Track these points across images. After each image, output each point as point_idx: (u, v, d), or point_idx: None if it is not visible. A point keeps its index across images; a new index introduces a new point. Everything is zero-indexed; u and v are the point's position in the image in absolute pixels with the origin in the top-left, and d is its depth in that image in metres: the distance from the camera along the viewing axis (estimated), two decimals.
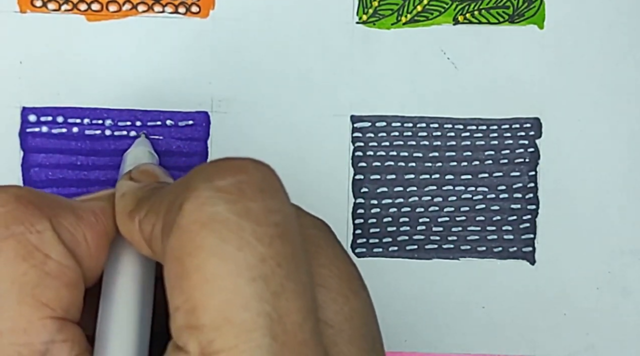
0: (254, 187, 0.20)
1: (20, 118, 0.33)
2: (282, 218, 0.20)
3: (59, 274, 0.21)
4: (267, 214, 0.20)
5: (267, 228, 0.20)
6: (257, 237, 0.19)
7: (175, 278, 0.20)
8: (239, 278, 0.19)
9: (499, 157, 0.34)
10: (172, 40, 0.33)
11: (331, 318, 0.22)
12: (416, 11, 0.34)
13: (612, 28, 0.34)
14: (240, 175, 0.21)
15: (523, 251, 0.34)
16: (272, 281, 0.19)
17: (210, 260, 0.19)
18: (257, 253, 0.19)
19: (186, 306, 0.19)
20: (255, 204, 0.20)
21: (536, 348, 0.34)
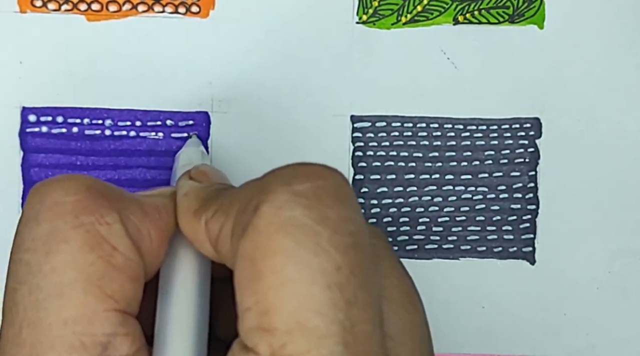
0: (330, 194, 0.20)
1: (20, 118, 0.33)
2: (356, 227, 0.20)
3: (124, 267, 0.21)
4: (343, 222, 0.20)
5: (343, 236, 0.20)
6: (333, 245, 0.19)
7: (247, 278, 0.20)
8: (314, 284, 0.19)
9: (499, 157, 0.34)
10: (172, 40, 0.33)
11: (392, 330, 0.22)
12: (416, 11, 0.34)
13: (612, 28, 0.34)
14: (317, 180, 0.21)
15: (523, 251, 0.34)
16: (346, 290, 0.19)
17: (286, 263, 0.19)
18: (332, 260, 0.19)
19: (258, 307, 0.19)
20: (332, 211, 0.20)
21: (536, 348, 0.34)
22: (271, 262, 0.19)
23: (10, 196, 0.33)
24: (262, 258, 0.19)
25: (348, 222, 0.20)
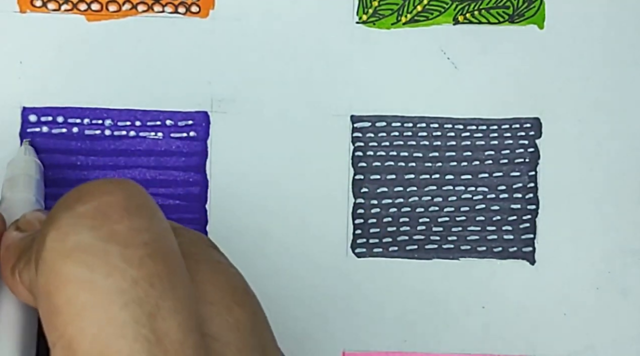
0: (117, 208, 0.20)
1: (20, 118, 0.33)
2: (151, 236, 0.20)
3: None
4: (135, 234, 0.19)
5: (136, 249, 0.19)
6: (125, 260, 0.19)
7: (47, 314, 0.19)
8: (111, 306, 0.18)
9: (499, 157, 0.34)
10: (172, 40, 0.33)
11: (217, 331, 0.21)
12: (416, 11, 0.34)
13: (612, 28, 0.34)
14: (102, 197, 0.20)
15: (523, 251, 0.34)
16: (146, 303, 0.19)
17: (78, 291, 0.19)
18: (127, 276, 0.19)
19: (62, 342, 0.19)
20: (121, 225, 0.19)
21: (536, 348, 0.33)
22: (64, 293, 0.19)
23: None
24: (55, 291, 0.19)
25: (141, 233, 0.20)
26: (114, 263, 0.19)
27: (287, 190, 0.33)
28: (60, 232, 0.19)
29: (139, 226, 0.20)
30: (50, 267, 0.19)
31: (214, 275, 0.22)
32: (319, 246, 0.33)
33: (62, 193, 0.33)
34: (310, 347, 0.33)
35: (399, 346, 0.33)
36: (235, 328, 0.21)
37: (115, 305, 0.18)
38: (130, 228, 0.20)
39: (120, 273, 0.19)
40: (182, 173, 0.33)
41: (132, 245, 0.19)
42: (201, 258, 0.22)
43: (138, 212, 0.20)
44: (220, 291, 0.22)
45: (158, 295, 0.19)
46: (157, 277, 0.19)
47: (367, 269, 0.33)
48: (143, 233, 0.20)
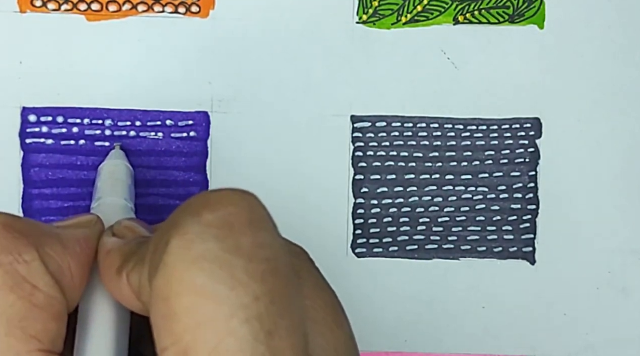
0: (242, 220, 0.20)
1: (20, 118, 0.33)
2: (272, 252, 0.20)
3: (46, 306, 0.21)
4: (258, 249, 0.19)
5: (259, 264, 0.19)
6: (249, 274, 0.19)
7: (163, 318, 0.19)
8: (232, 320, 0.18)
9: (499, 157, 0.34)
10: (172, 40, 0.33)
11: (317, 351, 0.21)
12: (416, 11, 0.34)
13: (612, 28, 0.34)
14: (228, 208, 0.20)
15: (523, 251, 0.34)
16: (265, 320, 0.19)
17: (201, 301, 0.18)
18: (250, 291, 0.19)
19: (176, 348, 0.19)
20: (245, 239, 0.19)
21: (536, 348, 0.34)
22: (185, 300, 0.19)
23: (10, 196, 0.33)
24: (175, 297, 0.19)
25: (263, 248, 0.19)
26: (238, 277, 0.19)
27: (287, 190, 0.33)
28: (185, 238, 0.19)
29: (262, 241, 0.20)
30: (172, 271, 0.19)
31: (317, 292, 0.22)
32: (319, 246, 0.33)
33: (62, 193, 0.33)
34: None
35: (399, 346, 0.33)
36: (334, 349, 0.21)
37: (237, 319, 0.18)
38: (254, 242, 0.19)
39: (243, 287, 0.19)
40: (182, 173, 0.33)
41: (255, 260, 0.19)
42: (303, 272, 0.22)
43: (261, 226, 0.20)
44: (322, 311, 0.22)
45: (277, 312, 0.19)
46: (277, 294, 0.19)
47: (367, 269, 0.33)
48: (265, 248, 0.19)
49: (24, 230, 0.21)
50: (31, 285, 0.21)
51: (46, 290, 0.21)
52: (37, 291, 0.21)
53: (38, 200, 0.33)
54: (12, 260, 0.21)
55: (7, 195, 0.33)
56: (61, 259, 0.22)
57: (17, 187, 0.33)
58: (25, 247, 0.21)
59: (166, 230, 0.20)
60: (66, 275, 0.22)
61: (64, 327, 0.21)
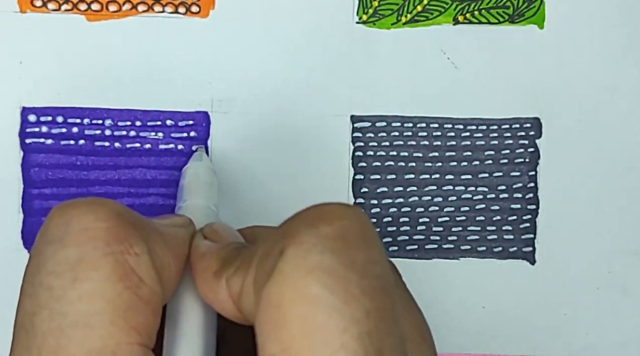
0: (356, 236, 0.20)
1: (20, 118, 0.33)
2: (382, 270, 0.20)
3: (149, 299, 0.21)
4: (370, 265, 0.19)
5: (371, 280, 0.19)
6: (362, 290, 0.19)
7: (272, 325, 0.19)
8: (346, 333, 0.18)
9: (499, 157, 0.34)
10: (172, 40, 0.33)
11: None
12: (416, 11, 0.34)
13: (612, 28, 0.34)
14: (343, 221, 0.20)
15: (523, 251, 0.34)
16: (375, 338, 0.19)
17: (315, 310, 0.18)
18: (362, 307, 0.19)
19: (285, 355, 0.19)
20: (359, 254, 0.19)
21: (536, 348, 0.34)
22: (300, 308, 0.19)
23: (10, 196, 0.33)
24: (289, 304, 0.19)
25: (375, 265, 0.19)
26: (352, 291, 0.19)
27: (287, 190, 0.33)
28: (302, 248, 0.19)
29: (374, 257, 0.20)
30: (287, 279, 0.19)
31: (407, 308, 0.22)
32: None
33: (62, 193, 0.33)
34: None
35: None
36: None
37: (350, 334, 0.18)
38: (367, 258, 0.19)
39: (356, 302, 0.19)
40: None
41: (368, 276, 0.19)
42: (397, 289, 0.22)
43: (372, 243, 0.20)
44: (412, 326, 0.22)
45: (385, 330, 0.19)
46: (385, 313, 0.19)
47: None
48: (377, 265, 0.20)
49: (135, 222, 0.22)
50: (138, 277, 0.21)
51: (151, 284, 0.21)
52: (143, 285, 0.21)
53: (38, 200, 0.33)
54: (124, 250, 0.21)
55: (7, 195, 0.33)
56: (164, 256, 0.22)
57: (17, 187, 0.33)
58: (136, 239, 0.21)
59: (280, 238, 0.20)
60: (166, 271, 0.22)
61: (159, 321, 0.22)
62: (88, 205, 0.21)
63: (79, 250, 0.20)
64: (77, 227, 0.21)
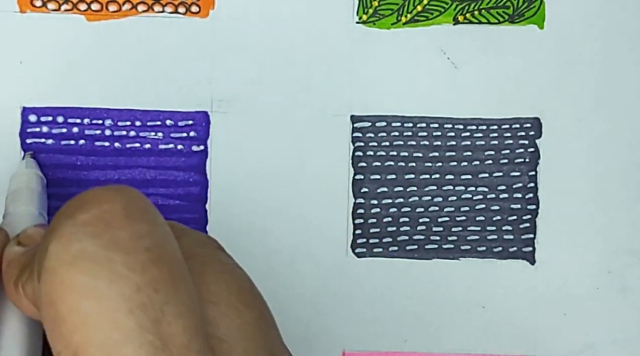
0: (118, 215, 0.20)
1: (20, 118, 0.33)
2: (152, 241, 0.20)
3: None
4: (136, 240, 0.20)
5: (138, 255, 0.19)
6: (128, 267, 0.19)
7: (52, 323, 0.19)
8: (116, 313, 0.19)
9: (499, 157, 0.34)
10: (172, 40, 0.33)
11: (224, 333, 0.21)
12: (416, 11, 0.34)
13: (612, 28, 0.34)
14: (102, 204, 0.20)
15: (523, 251, 0.34)
16: (150, 309, 0.19)
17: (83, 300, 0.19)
18: (131, 283, 0.19)
19: (67, 351, 0.19)
20: (122, 232, 0.20)
21: (536, 348, 0.33)
22: (68, 301, 0.19)
23: None
24: (59, 300, 0.19)
25: (142, 239, 0.20)
26: (117, 271, 0.19)
27: (287, 190, 0.33)
28: (62, 241, 0.19)
29: (140, 232, 0.20)
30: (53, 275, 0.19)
31: (221, 276, 0.22)
32: (319, 246, 0.33)
33: (62, 193, 0.33)
34: (310, 347, 0.33)
35: (399, 346, 0.33)
36: (242, 329, 0.22)
37: (120, 312, 0.19)
38: (132, 234, 0.20)
39: (123, 280, 0.19)
40: (182, 173, 0.33)
41: (134, 252, 0.19)
42: (208, 259, 0.23)
43: (139, 218, 0.20)
44: (226, 293, 0.22)
45: (162, 300, 0.19)
46: (161, 283, 0.19)
47: (367, 269, 0.33)
48: (145, 239, 0.20)
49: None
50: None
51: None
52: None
53: None
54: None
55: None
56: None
57: None
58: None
59: (46, 236, 0.20)
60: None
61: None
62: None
63: None
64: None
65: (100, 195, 0.21)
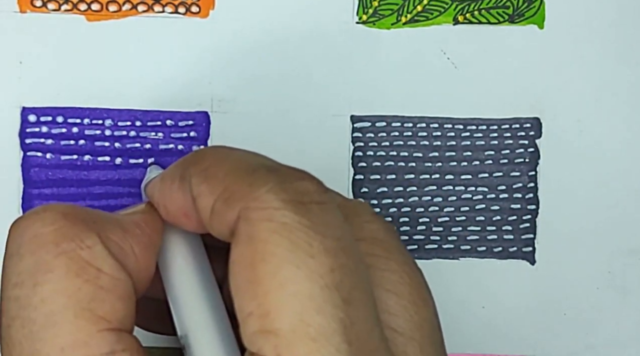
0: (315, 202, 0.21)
1: (20, 118, 0.33)
2: (341, 232, 0.21)
3: (112, 287, 0.22)
4: (330, 228, 0.21)
5: (332, 241, 0.20)
6: (325, 248, 0.20)
7: (246, 283, 0.20)
8: (314, 285, 0.19)
9: (499, 157, 0.34)
10: (172, 40, 0.33)
11: (401, 325, 0.22)
12: (416, 11, 0.34)
13: (612, 28, 0.34)
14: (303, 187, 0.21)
15: (523, 251, 0.34)
16: (342, 290, 0.20)
17: (283, 265, 0.20)
18: (326, 263, 0.20)
19: (260, 311, 0.20)
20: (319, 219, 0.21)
21: (536, 348, 0.34)
22: (269, 266, 0.20)
23: (10, 196, 0.33)
24: (260, 263, 0.20)
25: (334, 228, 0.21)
26: (315, 248, 0.20)
27: None
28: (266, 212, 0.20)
29: (332, 220, 0.21)
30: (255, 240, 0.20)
31: (403, 267, 0.23)
32: None
33: (63, 193, 0.33)
34: None
35: None
36: (419, 325, 0.23)
37: (316, 285, 0.19)
38: (326, 222, 0.21)
39: (320, 258, 0.20)
40: None
41: (329, 237, 0.20)
42: (392, 248, 0.24)
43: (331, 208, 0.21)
44: (408, 286, 0.23)
45: (350, 285, 0.20)
46: (348, 269, 0.20)
47: None
48: (336, 227, 0.21)
49: (84, 218, 0.22)
50: (96, 268, 0.21)
51: (111, 273, 0.22)
52: (102, 274, 0.21)
53: (38, 200, 0.33)
54: (75, 247, 0.21)
55: (7, 195, 0.33)
56: (123, 242, 0.23)
57: (17, 187, 0.33)
58: (86, 233, 0.22)
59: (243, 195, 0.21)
60: (130, 258, 0.23)
61: (132, 307, 0.22)
62: (35, 214, 0.22)
63: (33, 258, 0.21)
64: (28, 236, 0.22)
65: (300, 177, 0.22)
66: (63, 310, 0.21)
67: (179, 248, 0.24)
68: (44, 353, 0.20)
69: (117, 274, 0.22)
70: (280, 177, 0.21)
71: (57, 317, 0.21)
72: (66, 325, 0.21)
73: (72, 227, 0.22)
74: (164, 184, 0.24)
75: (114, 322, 0.21)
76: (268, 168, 0.22)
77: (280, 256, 0.20)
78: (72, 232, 0.22)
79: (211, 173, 0.22)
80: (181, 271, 0.24)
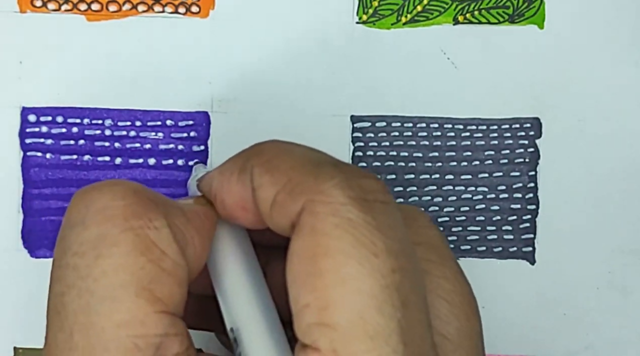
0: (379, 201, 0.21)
1: (20, 118, 0.33)
2: (402, 235, 0.21)
3: (173, 271, 0.21)
4: (392, 229, 0.20)
5: (394, 242, 0.20)
6: (387, 249, 0.20)
7: (305, 276, 0.20)
8: (375, 283, 0.19)
9: (499, 157, 0.34)
10: (172, 40, 0.33)
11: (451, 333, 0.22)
12: (416, 11, 0.34)
13: (612, 28, 0.34)
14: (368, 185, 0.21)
15: (523, 251, 0.34)
16: (401, 291, 0.20)
17: (346, 261, 0.20)
18: (388, 264, 0.20)
19: (318, 303, 0.19)
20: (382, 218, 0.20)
21: (536, 348, 0.33)
22: (332, 260, 0.20)
23: (10, 196, 0.33)
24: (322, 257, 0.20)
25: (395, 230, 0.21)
26: (379, 248, 0.20)
27: None
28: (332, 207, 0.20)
29: (394, 222, 0.21)
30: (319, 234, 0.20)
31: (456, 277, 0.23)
32: None
33: (63, 193, 0.33)
34: None
35: None
36: (468, 335, 0.23)
37: (379, 284, 0.19)
38: (388, 222, 0.21)
39: (383, 258, 0.20)
40: (182, 173, 0.33)
41: (391, 238, 0.20)
42: (448, 257, 0.24)
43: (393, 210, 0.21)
44: (460, 296, 0.23)
45: (408, 288, 0.20)
46: (408, 272, 0.20)
47: None
48: (398, 229, 0.21)
49: (153, 198, 0.22)
50: (160, 250, 0.21)
51: (173, 257, 0.22)
52: (166, 257, 0.21)
53: (38, 200, 0.33)
54: (143, 225, 0.21)
55: (7, 195, 0.33)
56: (185, 230, 0.23)
57: (17, 187, 0.33)
58: (156, 214, 0.22)
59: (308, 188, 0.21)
60: (189, 245, 0.23)
61: (185, 294, 0.22)
62: (106, 186, 0.22)
63: (99, 229, 0.21)
64: (97, 208, 0.21)
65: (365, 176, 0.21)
66: (124, 285, 0.20)
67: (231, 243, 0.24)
68: (99, 327, 0.20)
69: (178, 259, 0.22)
70: (346, 173, 0.21)
71: (118, 292, 0.20)
72: (126, 301, 0.20)
73: (143, 205, 0.22)
74: (222, 176, 0.24)
75: (170, 306, 0.21)
76: (333, 163, 0.22)
77: (344, 251, 0.20)
78: (142, 210, 0.21)
79: (275, 164, 0.22)
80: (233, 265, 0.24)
